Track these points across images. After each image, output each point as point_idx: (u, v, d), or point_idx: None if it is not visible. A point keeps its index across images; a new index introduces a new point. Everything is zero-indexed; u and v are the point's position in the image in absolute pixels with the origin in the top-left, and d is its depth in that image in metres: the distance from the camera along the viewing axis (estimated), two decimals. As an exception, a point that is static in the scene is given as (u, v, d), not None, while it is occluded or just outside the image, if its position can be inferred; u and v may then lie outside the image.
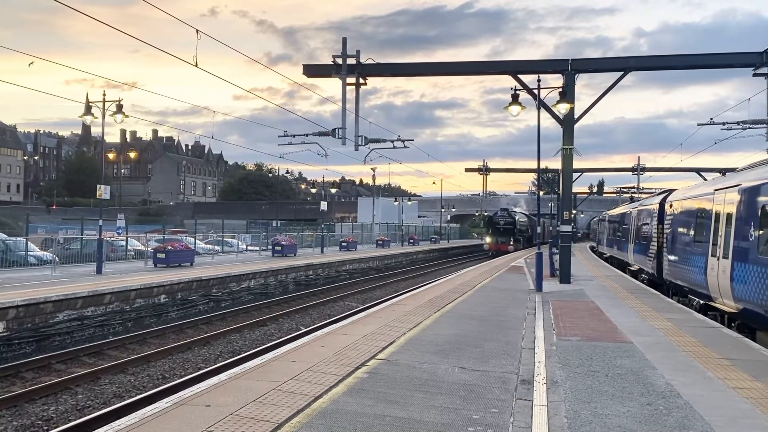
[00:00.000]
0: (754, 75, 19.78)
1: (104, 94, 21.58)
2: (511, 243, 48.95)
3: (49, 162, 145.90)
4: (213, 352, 14.48)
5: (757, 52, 19.27)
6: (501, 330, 11.47)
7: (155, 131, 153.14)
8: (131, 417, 6.03)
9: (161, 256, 24.57)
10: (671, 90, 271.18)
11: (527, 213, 61.11)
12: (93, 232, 25.07)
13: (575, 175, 29.02)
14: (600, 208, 66.42)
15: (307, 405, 6.38)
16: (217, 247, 35.39)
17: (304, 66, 22.02)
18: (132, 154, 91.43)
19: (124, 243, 30.13)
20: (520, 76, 20.10)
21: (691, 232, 15.28)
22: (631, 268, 26.64)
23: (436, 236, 67.53)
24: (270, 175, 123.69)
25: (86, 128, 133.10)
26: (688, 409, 6.44)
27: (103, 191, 22.18)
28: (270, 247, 35.23)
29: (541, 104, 19.30)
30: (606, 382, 7.59)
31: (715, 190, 13.63)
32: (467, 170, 60.47)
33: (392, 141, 26.05)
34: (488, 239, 51.36)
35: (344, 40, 20.94)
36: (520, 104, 18.90)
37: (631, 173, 52.88)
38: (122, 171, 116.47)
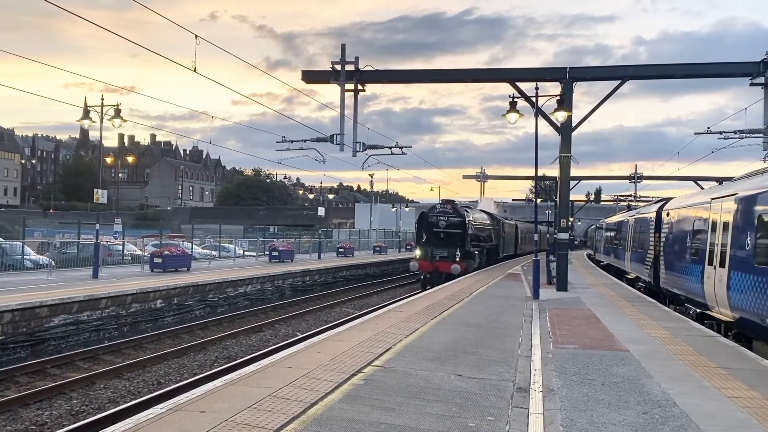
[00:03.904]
0: (751, 84, 19.88)
1: (102, 98, 21.62)
2: (458, 259, 27.46)
3: (47, 166, 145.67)
4: (209, 358, 14.45)
5: (754, 62, 19.38)
6: (497, 337, 11.46)
7: (153, 136, 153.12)
8: (126, 422, 6.01)
9: (158, 260, 24.55)
10: (670, 98, 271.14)
11: (491, 213, 40.13)
12: (90, 236, 25.00)
13: (573, 182, 28.96)
14: (597, 216, 66.53)
15: (303, 411, 6.36)
16: (214, 252, 35.36)
17: (303, 72, 22.09)
18: (130, 159, 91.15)
19: (120, 247, 30.11)
20: (518, 83, 20.16)
21: (688, 241, 15.30)
22: (628, 276, 26.67)
23: (433, 243, 67.37)
24: (268, 180, 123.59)
25: (84, 132, 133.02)
26: (684, 419, 6.44)
27: (101, 195, 22.17)
28: (267, 252, 35.22)
29: (539, 112, 19.34)
30: (602, 390, 7.58)
31: (712, 199, 13.66)
32: (465, 177, 60.46)
33: (390, 147, 26.09)
34: (418, 252, 29.11)
35: (343, 47, 21.04)
36: (518, 112, 18.97)
37: (628, 181, 53.03)
38: (120, 175, 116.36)
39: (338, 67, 20.72)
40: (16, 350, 13.92)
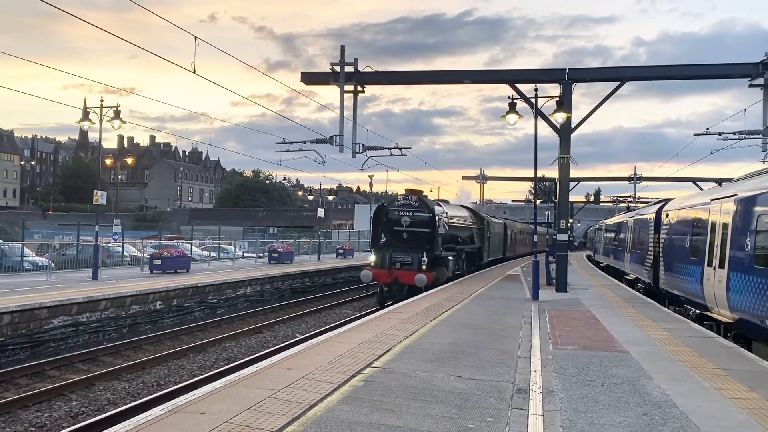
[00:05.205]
0: (750, 86, 19.90)
1: (102, 100, 21.68)
2: (424, 267, 21.42)
3: (46, 167, 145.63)
4: (208, 359, 14.44)
5: (753, 63, 19.41)
6: (497, 338, 11.45)
7: (153, 137, 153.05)
8: (125, 424, 6.00)
9: (157, 262, 24.53)
10: (670, 99, 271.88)
11: (473, 209, 33.34)
12: (89, 238, 24.99)
13: (572, 183, 28.89)
14: (597, 217, 66.55)
15: (302, 413, 6.35)
16: (213, 254, 35.35)
17: (302, 73, 22.12)
18: (129, 160, 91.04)
19: (120, 249, 30.09)
20: (517, 84, 20.19)
21: (687, 242, 15.31)
22: (628, 278, 26.67)
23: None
24: (267, 181, 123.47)
25: (83, 134, 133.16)
26: (684, 420, 6.43)
27: (100, 197, 22.18)
28: (266, 253, 35.20)
29: (539, 113, 19.36)
30: (602, 391, 7.58)
31: (712, 200, 13.67)
32: (464, 178, 60.36)
33: (390, 148, 26.05)
34: (372, 257, 22.94)
35: (342, 48, 21.08)
36: (517, 113, 18.99)
37: (628, 182, 53.03)
38: (119, 177, 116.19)
39: (338, 69, 20.74)
40: (15, 352, 13.91)
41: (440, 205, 24.88)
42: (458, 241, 26.62)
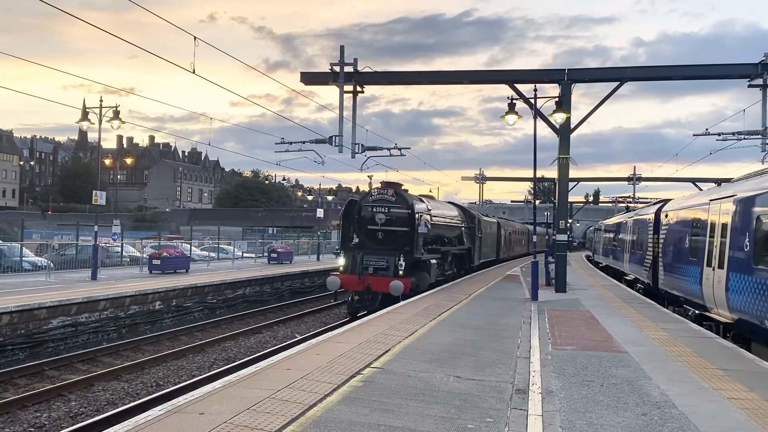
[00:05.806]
0: (749, 86, 19.92)
1: (101, 100, 21.65)
2: (401, 273, 18.63)
3: (46, 167, 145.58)
4: (207, 360, 14.44)
5: (752, 63, 19.43)
6: (496, 339, 11.45)
7: (152, 137, 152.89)
8: (124, 424, 5.99)
9: (156, 262, 24.53)
10: (669, 100, 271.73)
11: (461, 205, 30.28)
12: (88, 238, 24.99)
13: (571, 184, 28.84)
14: (596, 218, 66.56)
15: (302, 413, 6.35)
16: (212, 254, 35.36)
17: (302, 74, 22.14)
18: (128, 160, 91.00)
19: (119, 249, 30.10)
20: (517, 85, 20.20)
21: (687, 242, 15.32)
22: (627, 278, 26.68)
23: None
24: (266, 182, 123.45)
25: (83, 134, 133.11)
26: (683, 420, 6.43)
27: (99, 197, 22.17)
28: (266, 254, 35.20)
29: (538, 113, 19.37)
30: (601, 391, 7.58)
31: (711, 200, 13.68)
32: (463, 179, 60.36)
33: (389, 149, 26.02)
34: (341, 261, 20.02)
35: (342, 49, 21.10)
36: (516, 113, 18.99)
37: (627, 183, 53.06)
38: (118, 177, 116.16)
39: (337, 69, 20.75)
40: (14, 352, 13.91)
41: (422, 201, 21.66)
42: (444, 241, 23.81)
